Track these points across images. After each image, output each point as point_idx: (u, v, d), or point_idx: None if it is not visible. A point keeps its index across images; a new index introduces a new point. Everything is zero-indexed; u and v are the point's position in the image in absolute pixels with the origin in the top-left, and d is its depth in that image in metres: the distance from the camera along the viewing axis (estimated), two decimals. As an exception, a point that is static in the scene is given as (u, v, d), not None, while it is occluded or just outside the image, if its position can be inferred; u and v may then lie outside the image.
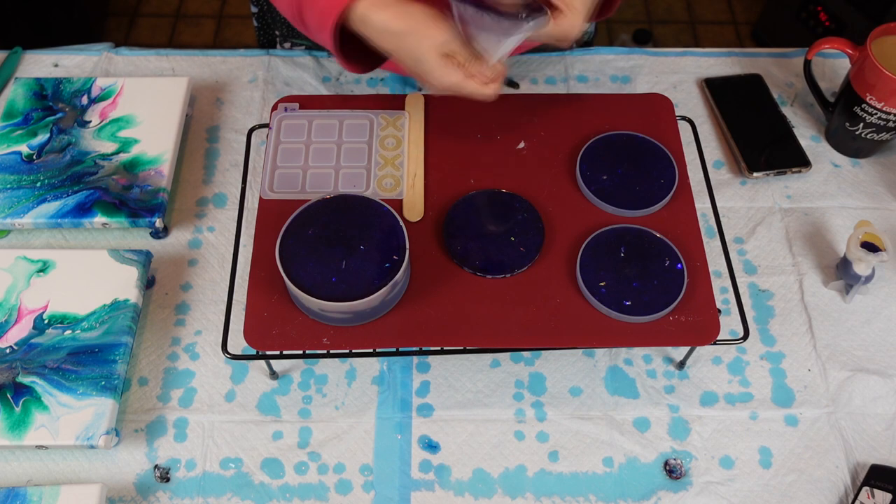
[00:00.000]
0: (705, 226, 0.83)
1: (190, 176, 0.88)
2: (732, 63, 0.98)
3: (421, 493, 0.70)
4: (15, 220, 0.79)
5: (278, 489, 0.70)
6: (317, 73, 0.96)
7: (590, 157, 0.75)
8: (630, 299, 0.67)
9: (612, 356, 0.76)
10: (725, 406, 0.74)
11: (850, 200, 0.87)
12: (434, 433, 0.73)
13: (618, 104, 0.81)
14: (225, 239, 0.83)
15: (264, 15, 1.01)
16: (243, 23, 2.14)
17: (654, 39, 2.09)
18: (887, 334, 0.78)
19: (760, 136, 0.90)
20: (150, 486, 0.69)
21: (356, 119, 0.79)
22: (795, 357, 0.77)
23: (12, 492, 0.66)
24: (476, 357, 0.76)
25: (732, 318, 0.78)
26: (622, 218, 0.73)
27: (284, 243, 0.66)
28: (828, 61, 0.99)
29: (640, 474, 0.71)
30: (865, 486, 0.68)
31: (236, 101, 0.93)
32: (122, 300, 0.74)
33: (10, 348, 0.72)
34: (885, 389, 0.75)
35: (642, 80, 0.96)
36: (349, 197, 0.69)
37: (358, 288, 0.64)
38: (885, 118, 0.83)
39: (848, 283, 0.79)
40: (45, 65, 0.96)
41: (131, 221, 0.80)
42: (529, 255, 0.70)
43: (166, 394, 0.74)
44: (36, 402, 0.69)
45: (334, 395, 0.74)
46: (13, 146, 0.84)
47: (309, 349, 0.66)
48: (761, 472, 0.71)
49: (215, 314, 0.79)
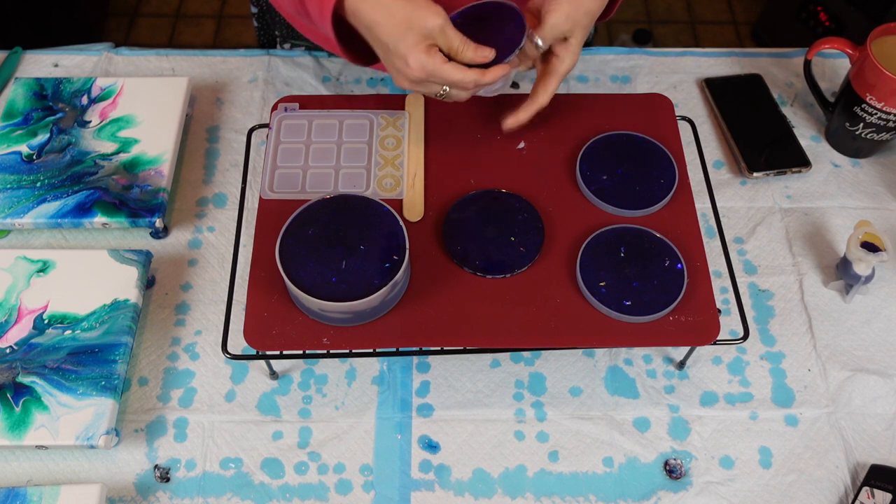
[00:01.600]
0: (705, 226, 0.83)
1: (190, 176, 0.88)
2: (732, 63, 0.98)
3: (421, 493, 0.70)
4: (15, 220, 0.79)
5: (278, 489, 0.70)
6: (317, 73, 0.96)
7: (590, 157, 0.75)
8: (630, 299, 0.67)
9: (612, 356, 0.76)
10: (725, 406, 0.74)
11: (850, 200, 0.87)
12: (434, 433, 0.73)
13: (618, 104, 0.81)
14: (225, 239, 0.83)
15: (264, 15, 1.01)
16: (243, 23, 2.14)
17: (654, 39, 2.09)
18: (887, 334, 0.78)
19: (760, 136, 0.90)
20: (150, 486, 0.69)
21: (356, 119, 0.79)
22: (795, 357, 0.77)
23: (12, 492, 0.66)
24: (476, 357, 0.76)
25: (732, 318, 0.78)
26: (622, 218, 0.73)
27: (284, 243, 0.66)
28: (828, 61, 0.99)
29: (640, 474, 0.71)
30: (865, 486, 0.68)
31: (236, 101, 0.93)
32: (122, 300, 0.74)
33: (10, 348, 0.72)
34: (885, 389, 0.75)
35: (642, 80, 0.96)
36: (349, 197, 0.69)
37: (358, 288, 0.64)
38: (885, 118, 0.83)
39: (848, 283, 0.79)
40: (45, 65, 0.96)
41: (131, 221, 0.80)
42: (529, 255, 0.70)
43: (166, 394, 0.74)
44: (36, 402, 0.69)
45: (334, 395, 0.74)
46: (13, 146, 0.84)
47: (309, 349, 0.66)
48: (761, 472, 0.71)
49: (215, 314, 0.79)
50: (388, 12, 0.62)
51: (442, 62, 0.63)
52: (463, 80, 0.64)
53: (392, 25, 0.62)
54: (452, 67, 0.63)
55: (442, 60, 0.63)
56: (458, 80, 0.64)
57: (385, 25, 0.62)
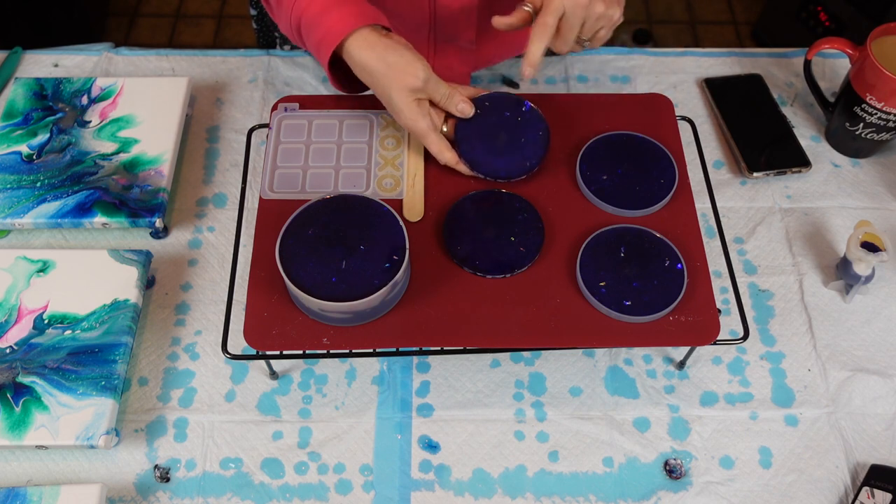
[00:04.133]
0: (705, 226, 0.83)
1: (190, 176, 0.88)
2: (732, 63, 0.98)
3: (421, 493, 0.70)
4: (15, 220, 0.79)
5: (278, 489, 0.70)
6: (317, 73, 0.96)
7: (590, 158, 0.75)
8: (630, 299, 0.67)
9: (612, 356, 0.76)
10: (725, 406, 0.74)
11: (850, 200, 0.87)
12: (434, 433, 0.73)
13: (618, 104, 0.81)
14: (225, 239, 0.83)
15: (263, 17, 1.01)
16: (243, 23, 2.14)
17: (654, 39, 2.09)
18: (887, 334, 0.78)
19: (760, 136, 0.90)
20: (150, 486, 0.69)
21: (356, 119, 0.79)
22: (795, 357, 0.77)
23: (12, 492, 0.66)
24: (476, 357, 0.76)
25: (732, 318, 0.78)
26: (622, 218, 0.73)
27: (284, 243, 0.66)
28: (828, 61, 0.99)
29: (640, 474, 0.71)
30: (865, 486, 0.68)
31: (236, 101, 0.93)
32: (122, 300, 0.74)
33: (10, 348, 0.72)
34: (885, 389, 0.75)
35: (642, 80, 0.96)
36: (349, 197, 0.69)
37: (358, 288, 0.64)
38: (885, 118, 0.83)
39: (848, 283, 0.79)
40: (45, 65, 0.96)
41: (131, 221, 0.80)
42: (529, 255, 0.70)
43: (166, 394, 0.74)
44: (36, 402, 0.69)
45: (334, 395, 0.74)
46: (13, 146, 0.84)
47: (309, 349, 0.66)
48: (761, 472, 0.71)
49: (215, 314, 0.79)
50: (383, 63, 0.68)
51: (427, 130, 0.71)
52: (440, 156, 0.72)
53: (381, 84, 0.69)
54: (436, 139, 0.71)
55: (428, 127, 0.71)
56: (434, 151, 0.72)
57: (376, 80, 0.69)
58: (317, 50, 0.71)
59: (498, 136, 0.74)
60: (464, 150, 0.73)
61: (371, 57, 0.68)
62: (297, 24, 0.71)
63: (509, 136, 0.74)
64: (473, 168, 0.74)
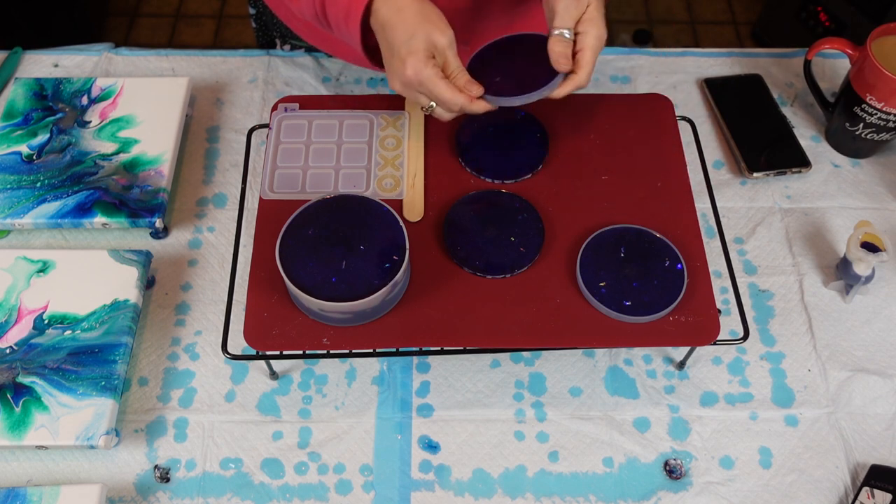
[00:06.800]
0: (705, 226, 0.83)
1: (190, 176, 0.88)
2: (732, 63, 0.98)
3: (421, 493, 0.70)
4: (15, 220, 0.79)
5: (278, 489, 0.70)
6: (317, 73, 0.96)
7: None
8: (630, 299, 0.67)
9: (612, 356, 0.76)
10: (725, 406, 0.74)
11: (850, 200, 0.87)
12: (434, 433, 0.73)
13: (618, 104, 0.81)
14: (225, 239, 0.83)
15: (262, 16, 1.01)
16: (243, 23, 2.14)
17: (654, 39, 2.09)
18: (887, 334, 0.78)
19: (760, 136, 0.90)
20: (150, 487, 0.69)
21: (356, 119, 0.79)
22: (795, 357, 0.77)
23: (12, 492, 0.66)
24: (476, 357, 0.76)
25: (732, 318, 0.78)
26: (622, 218, 0.73)
27: (284, 243, 0.66)
28: (828, 61, 0.99)
29: (640, 474, 0.71)
30: (865, 487, 0.68)
31: (236, 101, 0.93)
32: (122, 300, 0.74)
33: (10, 348, 0.72)
34: (885, 389, 0.75)
35: (642, 80, 0.96)
36: (349, 197, 0.69)
37: (358, 288, 0.64)
38: (885, 118, 0.83)
39: (848, 283, 0.79)
40: (45, 65, 0.96)
41: (131, 221, 0.80)
42: (529, 255, 0.70)
43: (166, 394, 0.74)
44: (36, 402, 0.69)
45: (334, 395, 0.74)
46: (13, 146, 0.84)
47: (309, 349, 0.66)
48: (761, 472, 0.71)
49: (215, 314, 0.79)
50: (401, 16, 0.64)
51: (437, 76, 0.65)
52: (451, 101, 0.66)
53: (402, 28, 0.64)
54: (445, 85, 0.65)
55: (437, 74, 0.65)
56: (447, 98, 0.65)
57: (397, 27, 0.64)
58: (346, 14, 0.67)
59: (498, 137, 0.74)
60: (465, 153, 0.73)
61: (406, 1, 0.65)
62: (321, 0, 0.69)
63: (510, 138, 0.74)
64: (480, 172, 0.73)
